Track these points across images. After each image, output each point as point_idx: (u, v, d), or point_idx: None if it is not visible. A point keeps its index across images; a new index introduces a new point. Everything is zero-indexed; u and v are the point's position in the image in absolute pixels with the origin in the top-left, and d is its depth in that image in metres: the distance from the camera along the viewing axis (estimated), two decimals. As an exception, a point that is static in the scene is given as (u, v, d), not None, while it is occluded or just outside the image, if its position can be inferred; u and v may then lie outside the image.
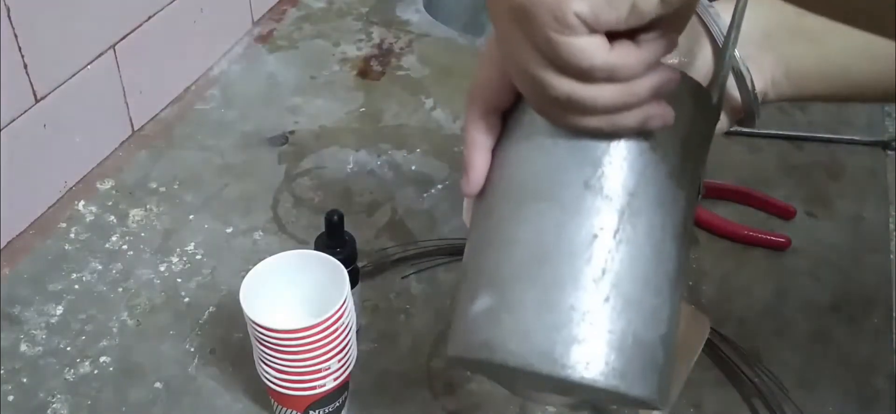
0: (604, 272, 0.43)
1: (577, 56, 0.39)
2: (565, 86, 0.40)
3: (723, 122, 0.54)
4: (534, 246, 0.44)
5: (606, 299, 0.42)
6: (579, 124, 0.43)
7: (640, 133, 0.44)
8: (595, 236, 0.43)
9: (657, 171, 0.45)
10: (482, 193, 0.48)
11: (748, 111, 0.53)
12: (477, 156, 0.48)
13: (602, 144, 0.44)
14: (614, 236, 0.43)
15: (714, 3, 0.53)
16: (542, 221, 0.44)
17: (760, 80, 0.52)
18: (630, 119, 0.42)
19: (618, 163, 0.44)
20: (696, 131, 0.47)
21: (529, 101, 0.45)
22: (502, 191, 0.47)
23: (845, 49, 0.52)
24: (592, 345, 0.42)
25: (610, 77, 0.40)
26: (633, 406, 0.46)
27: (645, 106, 0.42)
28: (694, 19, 0.52)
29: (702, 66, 0.54)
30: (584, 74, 0.40)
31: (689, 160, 0.47)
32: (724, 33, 0.51)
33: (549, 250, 0.43)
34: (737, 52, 0.51)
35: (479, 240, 0.47)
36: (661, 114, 0.43)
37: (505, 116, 0.48)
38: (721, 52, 0.50)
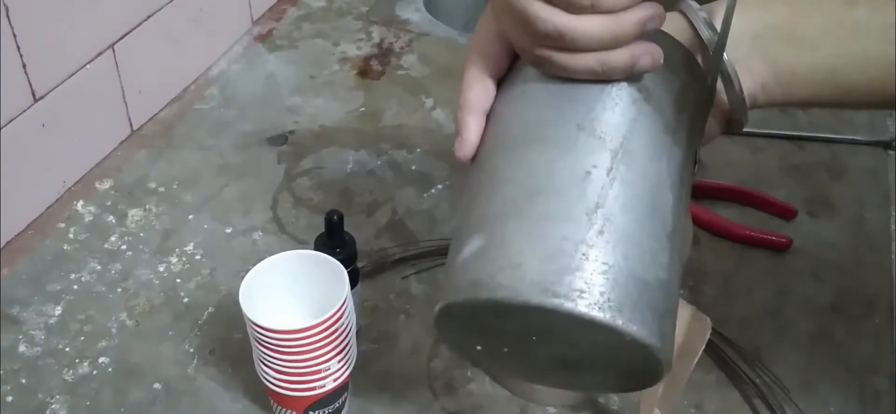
0: (597, 206, 0.41)
1: None
2: (552, 17, 0.41)
3: (712, 127, 0.54)
4: (523, 184, 0.43)
5: (600, 232, 0.41)
6: (569, 64, 0.43)
7: (632, 82, 0.44)
8: (588, 173, 0.42)
9: (651, 122, 0.44)
10: (476, 156, 0.47)
11: (735, 115, 0.53)
12: (470, 118, 0.47)
13: (594, 90, 0.44)
14: (608, 174, 0.42)
15: (702, 8, 0.52)
16: (533, 161, 0.43)
17: (749, 84, 0.52)
18: (619, 57, 0.43)
19: (610, 107, 0.44)
20: (689, 97, 0.47)
21: (519, 47, 0.45)
22: (493, 145, 0.46)
23: (836, 55, 0.52)
24: (586, 274, 0.40)
25: (594, 5, 0.41)
26: (630, 368, 0.44)
27: (633, 45, 0.43)
28: (684, 23, 0.52)
29: None
30: (569, 2, 0.41)
31: (683, 120, 0.46)
32: (710, 37, 0.51)
33: (539, 187, 0.42)
34: (725, 55, 0.51)
35: (469, 194, 0.46)
36: (649, 53, 0.43)
37: (501, 83, 0.48)
38: (716, 44, 0.49)
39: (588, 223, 0.41)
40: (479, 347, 0.48)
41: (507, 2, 0.43)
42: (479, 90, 0.48)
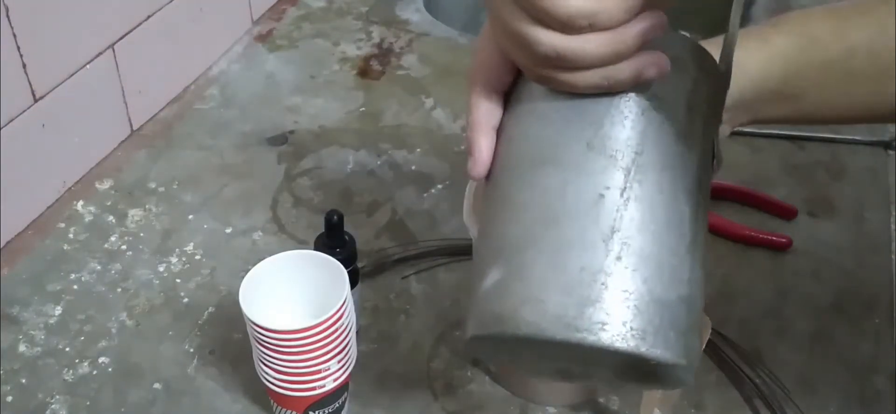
0: (613, 231, 0.41)
1: (554, 4, 0.39)
2: (551, 40, 0.41)
3: None
4: (539, 211, 0.43)
5: (618, 258, 0.41)
6: (574, 83, 0.43)
7: (640, 91, 0.44)
8: (601, 195, 0.42)
9: (662, 131, 0.44)
10: (489, 175, 0.47)
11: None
12: (480, 137, 0.47)
13: (601, 105, 0.43)
14: (622, 195, 0.42)
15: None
16: (546, 185, 0.43)
17: (725, 130, 0.53)
18: (624, 71, 0.42)
19: (619, 121, 0.43)
20: (701, 93, 0.46)
21: (522, 67, 0.45)
22: (506, 165, 0.46)
23: (821, 103, 0.53)
24: (607, 305, 0.40)
25: (592, 24, 0.40)
26: (657, 377, 0.44)
27: (637, 56, 0.42)
28: None
29: None
30: (566, 24, 0.40)
31: (696, 121, 0.45)
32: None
33: (554, 213, 0.42)
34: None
35: (487, 216, 0.46)
36: (655, 62, 0.42)
37: (507, 97, 0.48)
38: (727, 35, 0.49)
39: (605, 250, 0.41)
40: (509, 359, 0.49)
41: (506, 26, 0.42)
42: (486, 107, 0.47)
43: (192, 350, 0.73)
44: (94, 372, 0.71)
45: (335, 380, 0.63)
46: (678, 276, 0.42)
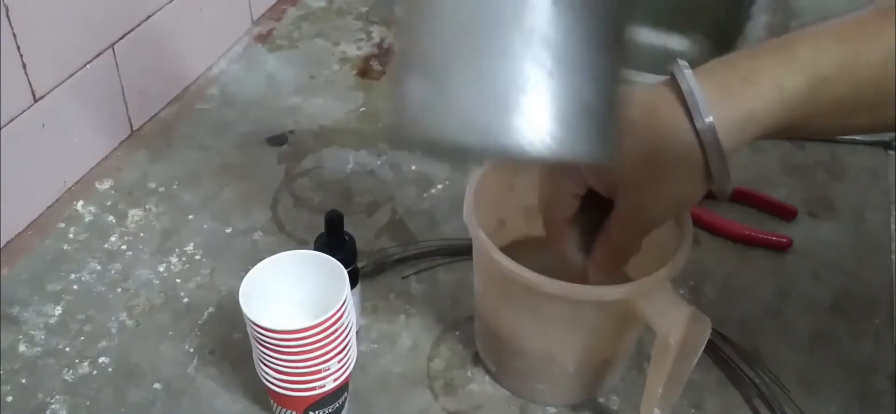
0: (535, 36, 0.40)
1: None
2: None
3: (697, 190, 0.58)
4: (459, 18, 0.41)
5: (541, 65, 0.40)
6: None
7: None
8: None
9: None
10: None
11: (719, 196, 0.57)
12: None
13: None
14: None
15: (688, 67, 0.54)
16: None
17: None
18: None
19: None
20: None
21: None
22: None
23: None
24: (529, 112, 0.40)
25: None
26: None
27: None
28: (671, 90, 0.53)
29: None
30: None
31: None
32: (694, 103, 0.52)
33: (475, 21, 0.41)
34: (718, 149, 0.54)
35: (407, 17, 0.44)
36: None
37: None
38: None
39: (527, 56, 0.40)
40: (434, 152, 0.48)
41: None
42: None
43: (192, 350, 0.73)
44: (94, 372, 0.71)
45: (335, 380, 0.63)
46: (605, 76, 0.42)
